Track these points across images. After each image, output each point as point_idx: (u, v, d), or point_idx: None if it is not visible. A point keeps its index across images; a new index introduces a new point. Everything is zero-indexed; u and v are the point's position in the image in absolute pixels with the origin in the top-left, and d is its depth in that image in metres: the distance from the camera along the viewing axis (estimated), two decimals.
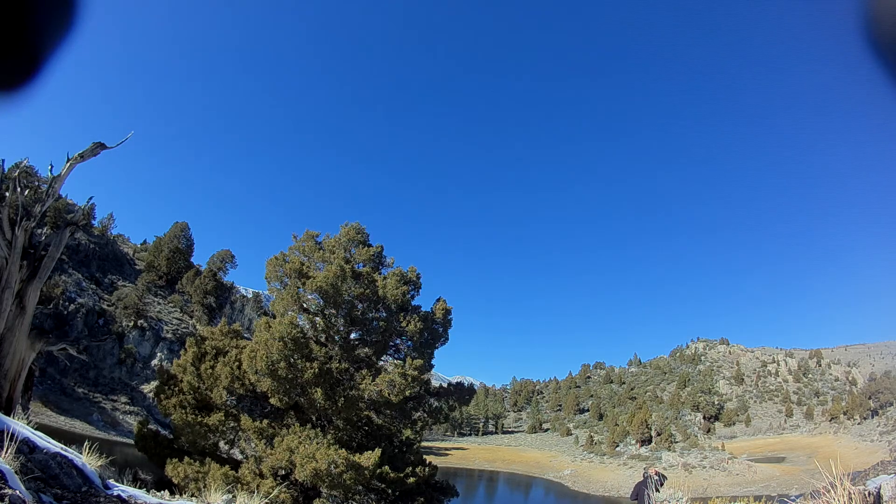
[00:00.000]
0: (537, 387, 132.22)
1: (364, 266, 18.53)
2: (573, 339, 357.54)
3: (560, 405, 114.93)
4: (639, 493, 13.26)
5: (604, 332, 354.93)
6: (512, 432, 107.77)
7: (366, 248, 18.97)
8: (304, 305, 16.97)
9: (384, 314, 18.23)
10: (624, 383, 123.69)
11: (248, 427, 13.46)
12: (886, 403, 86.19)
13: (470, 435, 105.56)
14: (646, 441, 78.90)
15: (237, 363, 13.74)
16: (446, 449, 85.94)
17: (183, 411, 12.88)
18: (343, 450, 13.41)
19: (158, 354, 51.18)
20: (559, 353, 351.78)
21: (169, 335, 53.39)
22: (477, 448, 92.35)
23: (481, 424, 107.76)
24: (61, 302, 42.75)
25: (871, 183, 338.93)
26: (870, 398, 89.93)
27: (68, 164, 12.91)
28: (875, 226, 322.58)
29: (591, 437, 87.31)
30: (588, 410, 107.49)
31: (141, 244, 71.48)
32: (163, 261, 61.69)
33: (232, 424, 13.71)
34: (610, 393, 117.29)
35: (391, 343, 18.75)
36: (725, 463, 64.75)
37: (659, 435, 78.00)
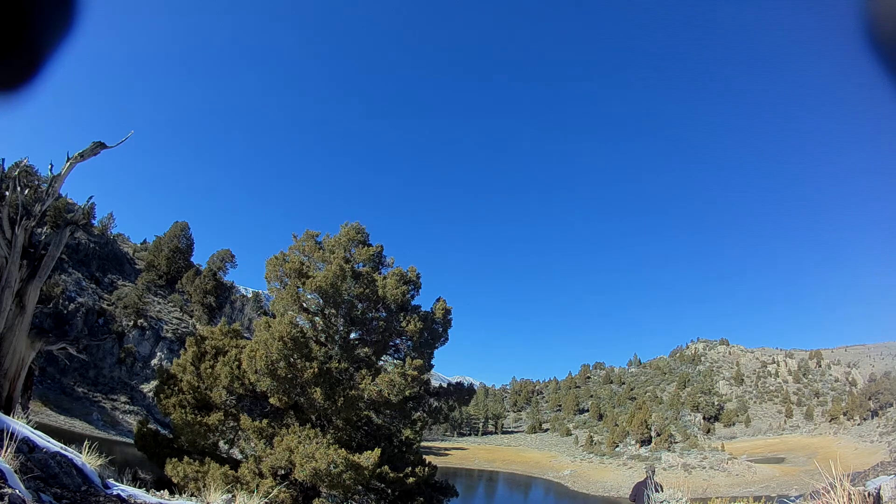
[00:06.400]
0: (537, 387, 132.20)
1: (364, 266, 18.52)
2: (573, 339, 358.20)
3: (560, 405, 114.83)
4: (637, 493, 13.19)
5: (604, 332, 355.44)
6: (512, 432, 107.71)
7: (366, 247, 18.96)
8: (304, 305, 16.96)
9: (384, 314, 18.22)
10: (624, 384, 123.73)
11: (248, 427, 13.45)
12: (886, 404, 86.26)
13: (470, 435, 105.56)
14: (645, 441, 79.04)
15: (237, 363, 13.71)
16: (446, 449, 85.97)
17: (182, 411, 12.86)
18: (342, 450, 13.38)
19: (158, 354, 51.19)
20: (559, 354, 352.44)
21: (169, 335, 53.40)
22: (477, 448, 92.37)
23: (481, 424, 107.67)
24: (61, 301, 42.77)
25: (872, 183, 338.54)
26: (870, 399, 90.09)
27: (68, 163, 12.90)
28: (875, 226, 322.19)
29: (591, 437, 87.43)
30: (588, 411, 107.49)
31: (141, 244, 71.43)
32: (163, 260, 61.67)
33: (231, 424, 13.71)
34: (610, 393, 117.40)
35: (391, 343, 18.74)
36: (725, 463, 64.95)
37: (659, 435, 78.13)
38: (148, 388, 48.24)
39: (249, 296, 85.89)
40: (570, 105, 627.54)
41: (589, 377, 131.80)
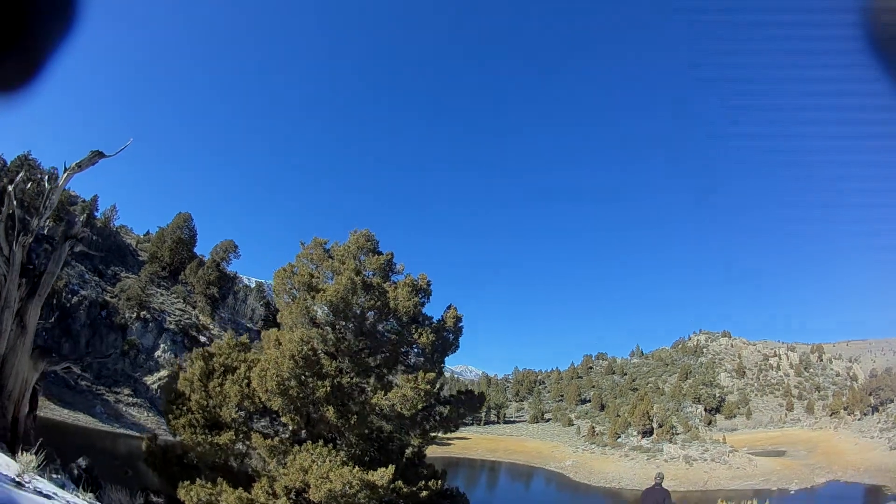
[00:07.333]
0: (539, 377, 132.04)
1: (374, 275, 18.08)
2: (575, 329, 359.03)
3: (562, 395, 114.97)
4: (646, 500, 12.94)
5: (606, 323, 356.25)
6: (514, 422, 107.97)
7: (375, 256, 18.48)
8: (314, 318, 16.47)
9: (396, 326, 17.84)
10: (626, 374, 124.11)
11: (260, 445, 13.09)
12: (887, 400, 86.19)
13: (472, 424, 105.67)
14: (647, 432, 78.90)
15: (246, 380, 13.34)
16: (448, 439, 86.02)
17: (192, 431, 12.50)
18: (357, 468, 13.08)
19: (161, 346, 51.09)
20: (561, 344, 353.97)
21: (172, 326, 53.22)
22: (479, 438, 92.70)
23: (483, 414, 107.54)
24: (64, 294, 42.53)
25: (875, 177, 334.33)
26: (870, 394, 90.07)
27: (66, 173, 12.57)
28: (878, 221, 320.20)
29: (593, 427, 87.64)
30: (590, 401, 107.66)
31: (144, 235, 71.45)
32: (166, 251, 61.43)
33: (243, 442, 13.38)
34: (612, 384, 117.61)
35: (402, 354, 18.36)
36: (726, 456, 64.94)
37: (660, 426, 77.87)
38: (151, 380, 48.25)
39: (253, 286, 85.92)
40: (573, 92, 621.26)
41: (591, 367, 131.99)
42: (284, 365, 12.59)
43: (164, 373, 49.18)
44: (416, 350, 18.28)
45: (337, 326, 15.76)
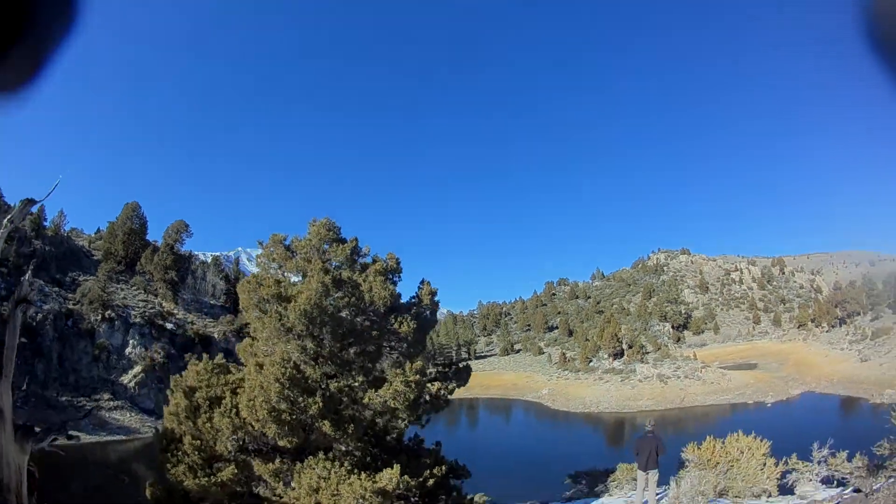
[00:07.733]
0: (504, 308, 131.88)
1: (342, 267, 17.74)
2: (534, 257, 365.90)
3: (529, 325, 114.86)
4: (640, 448, 13.64)
5: (564, 247, 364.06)
6: (485, 356, 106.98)
7: (340, 245, 17.99)
8: (288, 326, 16.19)
9: (374, 318, 17.74)
10: (590, 297, 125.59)
11: (263, 472, 13.26)
12: (853, 312, 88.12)
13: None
14: (618, 354, 79.53)
15: (234, 410, 13.24)
16: None
17: (193, 475, 12.47)
18: (364, 474, 13.33)
19: (131, 342, 49.97)
20: (522, 273, 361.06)
21: (138, 319, 51.91)
22: None
23: (454, 353, 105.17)
24: (28, 314, 41.20)
25: (838, 90, 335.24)
26: (836, 306, 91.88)
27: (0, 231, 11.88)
28: (837, 137, 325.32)
29: (564, 354, 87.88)
30: (557, 328, 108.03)
31: (95, 233, 68.82)
32: (119, 245, 59.50)
33: (245, 472, 13.51)
34: (577, 308, 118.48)
35: (385, 345, 18.44)
36: (699, 372, 66.15)
37: (630, 347, 78.82)
38: (127, 378, 47.57)
39: (209, 261, 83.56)
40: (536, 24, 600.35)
41: (554, 294, 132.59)
42: (272, 390, 12.55)
43: (138, 369, 48.48)
44: (401, 343, 18.35)
45: (315, 334, 15.64)
